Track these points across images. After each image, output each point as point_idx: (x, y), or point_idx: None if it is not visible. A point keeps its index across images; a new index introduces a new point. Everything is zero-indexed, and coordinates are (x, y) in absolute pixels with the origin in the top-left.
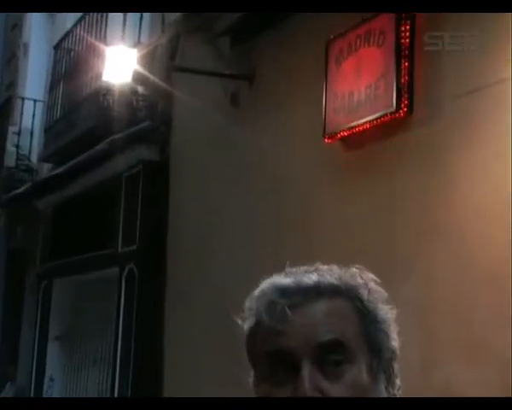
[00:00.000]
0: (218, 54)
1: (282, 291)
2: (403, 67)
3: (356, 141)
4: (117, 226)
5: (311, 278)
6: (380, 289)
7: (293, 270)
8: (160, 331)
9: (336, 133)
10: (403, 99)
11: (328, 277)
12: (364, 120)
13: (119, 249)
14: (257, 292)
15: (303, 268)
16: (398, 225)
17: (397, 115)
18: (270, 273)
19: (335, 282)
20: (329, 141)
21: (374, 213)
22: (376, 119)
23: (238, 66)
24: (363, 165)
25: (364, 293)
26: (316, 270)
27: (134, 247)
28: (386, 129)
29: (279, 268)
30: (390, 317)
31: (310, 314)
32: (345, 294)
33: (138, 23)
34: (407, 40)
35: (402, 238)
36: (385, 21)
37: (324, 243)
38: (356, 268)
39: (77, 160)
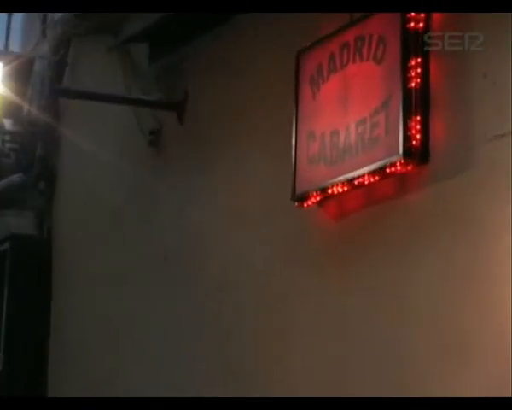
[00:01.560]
0: (130, 70)
1: None
2: (414, 93)
3: (342, 205)
4: None
5: None
6: None
7: None
8: None
9: (312, 194)
10: (413, 142)
11: None
12: (355, 173)
13: None
14: None
15: None
16: (404, 341)
17: (405, 166)
18: None
19: None
20: (302, 206)
21: (368, 319)
22: (374, 172)
23: (161, 89)
24: (353, 242)
25: None
26: None
27: None
28: (388, 187)
29: None
30: None
31: None
32: None
33: (5, 23)
34: (419, 52)
35: (410, 363)
36: (385, 22)
37: (296, 365)
38: None
39: None
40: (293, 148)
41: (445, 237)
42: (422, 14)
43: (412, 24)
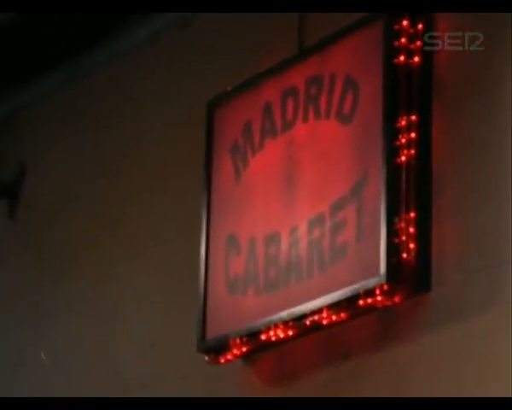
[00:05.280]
0: None
1: None
2: (404, 172)
3: (286, 362)
4: None
5: None
6: None
7: None
8: None
9: (234, 342)
10: (404, 255)
11: None
12: (307, 307)
13: None
14: None
15: None
16: None
17: (389, 297)
18: None
19: None
20: (216, 361)
21: None
22: (337, 305)
23: None
24: None
25: None
26: None
27: None
28: (362, 330)
29: None
30: None
31: None
32: None
33: None
34: (414, 104)
35: None
36: (356, 52)
37: None
38: None
39: None
40: (202, 263)
41: None
42: (419, 43)
43: (402, 57)
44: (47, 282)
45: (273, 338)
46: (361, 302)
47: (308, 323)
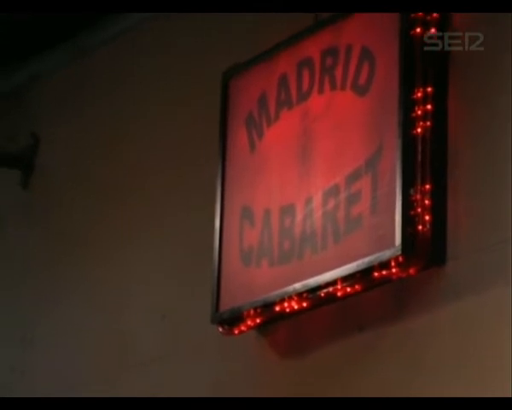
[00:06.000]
0: None
1: None
2: (420, 144)
3: (300, 333)
4: None
5: None
6: None
7: None
8: None
9: (248, 313)
10: (419, 227)
11: None
12: (321, 278)
13: None
14: None
15: None
16: None
17: (404, 269)
18: None
19: None
20: (230, 333)
21: None
22: (352, 277)
23: None
24: (319, 394)
25: None
26: None
27: None
28: (377, 302)
29: None
30: None
31: None
32: None
33: None
34: (430, 76)
35: None
36: (373, 24)
37: None
38: None
39: None
40: (217, 235)
41: (463, 380)
42: (435, 14)
43: (419, 29)
44: (57, 255)
45: (287, 310)
46: (376, 274)
47: (322, 295)
